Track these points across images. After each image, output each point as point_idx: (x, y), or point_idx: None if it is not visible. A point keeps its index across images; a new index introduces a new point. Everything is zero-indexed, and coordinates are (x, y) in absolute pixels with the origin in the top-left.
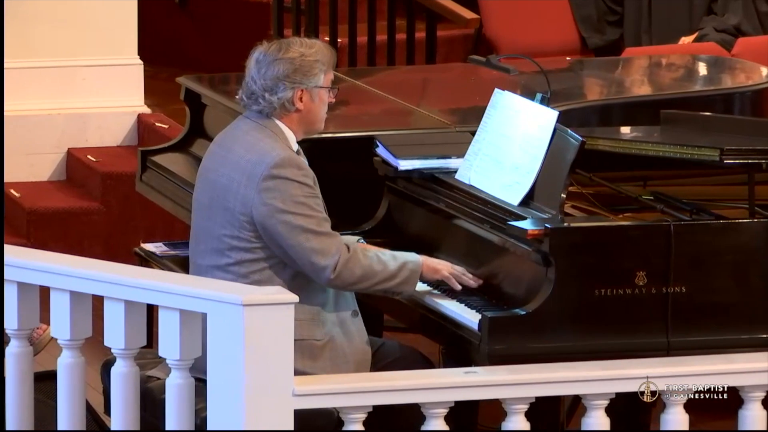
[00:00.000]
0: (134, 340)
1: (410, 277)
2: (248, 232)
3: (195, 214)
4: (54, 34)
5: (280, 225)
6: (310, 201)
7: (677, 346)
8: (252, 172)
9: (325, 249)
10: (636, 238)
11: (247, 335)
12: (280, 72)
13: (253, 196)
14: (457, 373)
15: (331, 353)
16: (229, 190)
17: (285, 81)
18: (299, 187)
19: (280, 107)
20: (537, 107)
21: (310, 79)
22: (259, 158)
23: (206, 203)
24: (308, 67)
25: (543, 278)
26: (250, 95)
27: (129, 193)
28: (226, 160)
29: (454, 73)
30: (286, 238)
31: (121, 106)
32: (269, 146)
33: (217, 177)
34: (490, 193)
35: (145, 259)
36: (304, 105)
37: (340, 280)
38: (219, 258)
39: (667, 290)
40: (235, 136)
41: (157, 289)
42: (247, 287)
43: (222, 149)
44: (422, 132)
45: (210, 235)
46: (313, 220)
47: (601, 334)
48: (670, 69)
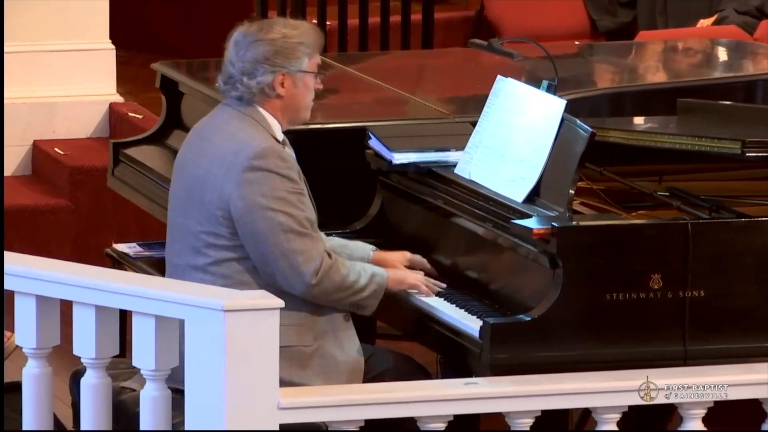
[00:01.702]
0: (106, 349)
1: (377, 290)
2: (226, 228)
3: (171, 209)
4: (18, 15)
5: (259, 222)
6: (292, 197)
7: (695, 354)
8: (231, 163)
9: (306, 251)
10: (650, 237)
11: (228, 343)
12: (259, 54)
13: (231, 189)
14: (456, 385)
15: (321, 361)
16: (207, 183)
17: (265, 64)
18: (281, 181)
19: (259, 92)
20: (543, 95)
21: (292, 62)
22: (238, 148)
23: (182, 198)
24: (291, 49)
25: (549, 281)
26: (228, 79)
27: (100, 190)
28: (204, 150)
29: (453, 58)
30: (264, 237)
31: (91, 95)
32: (250, 136)
33: (195, 169)
34: (492, 188)
35: (117, 261)
36: (286, 91)
37: (319, 288)
38: (196, 257)
39: (684, 294)
40: (215, 125)
41: (130, 293)
42: (228, 291)
43: (200, 139)
44: (418, 122)
45: (187, 233)
46: (294, 220)
47: (612, 342)
48: (688, 54)
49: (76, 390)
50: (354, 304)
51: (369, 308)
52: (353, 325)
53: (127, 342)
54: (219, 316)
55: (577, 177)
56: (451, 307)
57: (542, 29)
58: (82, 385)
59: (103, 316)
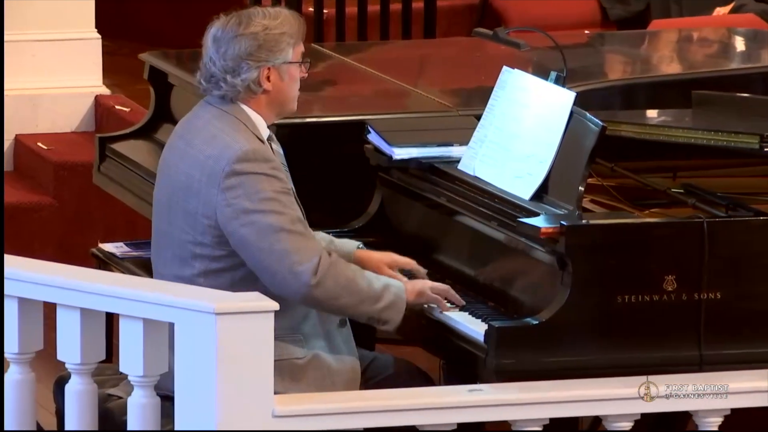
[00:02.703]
0: (91, 354)
1: (395, 302)
2: (212, 237)
3: (155, 216)
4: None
5: (247, 227)
6: (281, 197)
7: (711, 359)
8: (213, 169)
9: (301, 250)
10: (664, 237)
11: (220, 347)
12: (242, 50)
13: (215, 195)
14: (460, 392)
15: (316, 372)
16: (190, 190)
17: (249, 60)
18: (267, 181)
19: (245, 90)
20: (551, 87)
21: (277, 55)
22: (219, 153)
23: (165, 203)
24: (274, 41)
25: (558, 283)
26: (210, 78)
27: (85, 186)
28: (185, 154)
29: (457, 48)
30: (255, 242)
31: (76, 87)
32: (230, 138)
33: (176, 174)
34: (498, 185)
35: (103, 261)
36: (273, 85)
37: (321, 288)
38: (183, 268)
39: (699, 297)
40: (196, 126)
41: (117, 295)
42: (220, 293)
43: (182, 141)
44: (420, 116)
45: (171, 241)
46: (285, 219)
47: (624, 346)
48: (703, 44)
49: (61, 397)
50: (372, 318)
51: (391, 323)
52: (351, 330)
53: (114, 347)
54: (210, 319)
55: (587, 173)
56: (455, 310)
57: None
58: (66, 392)
59: (89, 320)
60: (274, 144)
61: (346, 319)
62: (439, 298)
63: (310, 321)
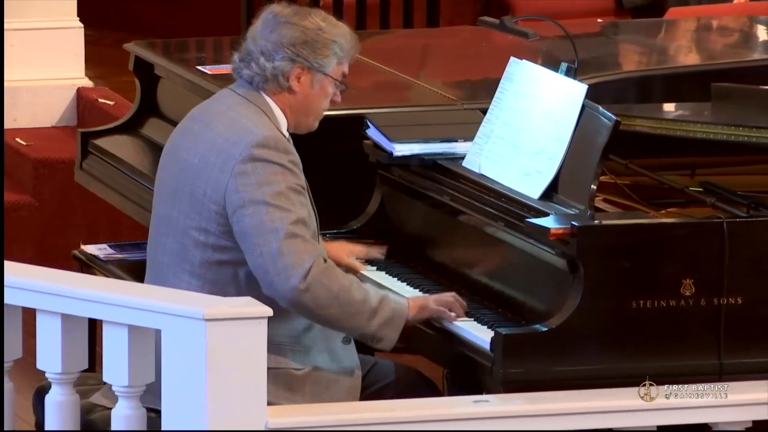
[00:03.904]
0: (73, 363)
1: (393, 318)
2: (217, 225)
3: (157, 201)
4: None
5: (250, 218)
6: (291, 194)
7: (731, 369)
8: (230, 152)
9: (296, 253)
10: (682, 238)
11: (210, 356)
12: (285, 37)
13: (226, 180)
14: (464, 402)
15: (313, 386)
16: (201, 173)
17: (288, 48)
18: (282, 173)
19: (272, 78)
20: (562, 79)
21: (318, 58)
22: (239, 137)
23: (172, 187)
24: (321, 44)
25: (569, 287)
26: (245, 56)
27: (67, 184)
28: (201, 137)
29: (462, 38)
30: (254, 236)
31: (57, 78)
32: (253, 123)
33: (189, 156)
34: (505, 183)
35: (86, 264)
36: (301, 87)
37: (310, 295)
38: (183, 256)
39: (719, 302)
40: (217, 110)
41: (100, 300)
42: (210, 297)
43: (198, 124)
44: (422, 110)
45: (174, 228)
46: (289, 217)
47: (638, 355)
48: (723, 33)
49: (40, 408)
50: (365, 334)
51: (386, 341)
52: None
53: (97, 355)
54: (199, 325)
55: (599, 171)
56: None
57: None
58: (46, 403)
59: (70, 326)
60: (290, 145)
61: (351, 336)
62: (444, 310)
63: (312, 333)
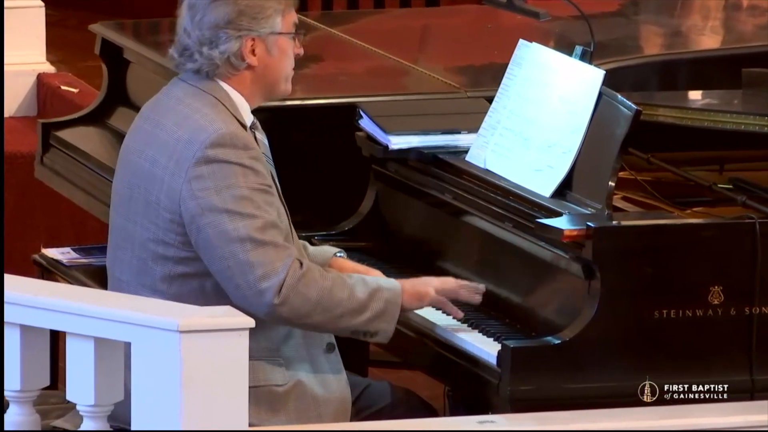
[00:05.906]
0: (33, 379)
1: (386, 309)
2: (176, 235)
3: (113, 211)
4: None
5: (211, 228)
6: (256, 196)
7: (764, 385)
8: (182, 154)
9: (267, 263)
10: (709, 240)
11: (185, 371)
12: (220, 17)
13: (181, 185)
14: (468, 423)
15: (298, 403)
16: (154, 178)
17: (228, 29)
18: (243, 174)
19: (225, 64)
20: (576, 64)
21: (262, 24)
22: (191, 135)
23: (125, 196)
24: (258, 7)
25: (584, 295)
26: (183, 51)
27: (26, 181)
28: (152, 137)
29: (465, 18)
30: (218, 246)
31: (14, 63)
32: (205, 120)
33: (140, 160)
34: (513, 180)
35: (47, 270)
36: (259, 59)
37: (287, 308)
38: (143, 272)
39: (750, 311)
40: (166, 105)
41: (63, 309)
42: (185, 307)
43: (148, 123)
44: (421, 98)
45: (130, 241)
46: (255, 223)
47: (660, 370)
48: (754, 12)
49: None
50: (356, 331)
51: (381, 334)
52: (339, 355)
53: (60, 370)
54: (173, 338)
55: (618, 166)
56: (463, 327)
57: None
58: (5, 424)
59: (30, 339)
60: (258, 133)
61: (334, 344)
62: (446, 302)
63: (293, 342)
